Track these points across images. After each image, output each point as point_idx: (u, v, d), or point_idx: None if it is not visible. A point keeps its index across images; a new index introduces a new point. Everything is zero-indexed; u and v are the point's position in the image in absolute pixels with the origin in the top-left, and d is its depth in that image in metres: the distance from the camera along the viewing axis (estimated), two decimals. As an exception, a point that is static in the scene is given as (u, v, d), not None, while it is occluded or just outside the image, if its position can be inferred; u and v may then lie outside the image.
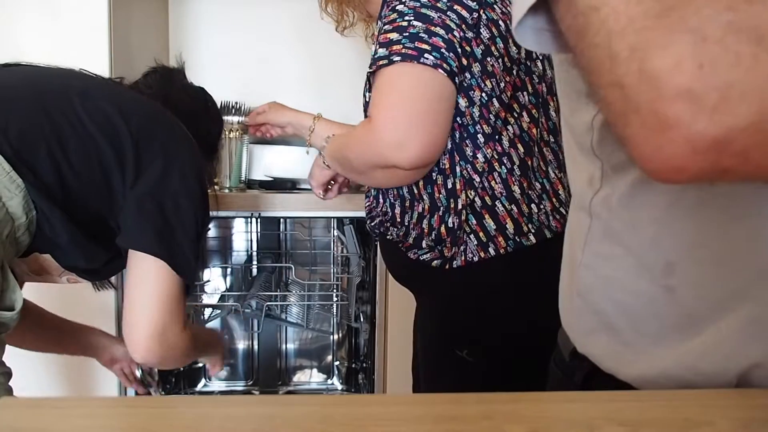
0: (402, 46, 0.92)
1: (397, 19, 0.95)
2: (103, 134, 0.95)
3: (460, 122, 0.99)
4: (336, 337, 2.06)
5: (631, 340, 0.57)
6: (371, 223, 1.17)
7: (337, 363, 2.07)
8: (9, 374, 0.96)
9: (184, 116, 1.11)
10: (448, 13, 0.94)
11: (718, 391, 0.51)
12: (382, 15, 1.01)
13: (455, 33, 0.94)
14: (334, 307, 1.95)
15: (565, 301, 0.66)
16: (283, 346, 2.07)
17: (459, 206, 1.01)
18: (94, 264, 1.01)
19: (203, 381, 2.03)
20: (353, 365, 1.99)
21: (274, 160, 1.68)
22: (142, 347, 0.97)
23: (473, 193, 1.01)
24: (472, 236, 1.02)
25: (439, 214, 1.03)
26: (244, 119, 1.58)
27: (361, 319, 1.83)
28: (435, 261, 1.05)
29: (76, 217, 0.95)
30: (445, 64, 0.92)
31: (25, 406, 0.47)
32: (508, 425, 0.43)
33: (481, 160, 1.01)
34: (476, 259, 1.02)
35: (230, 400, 0.48)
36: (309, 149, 1.44)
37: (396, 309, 1.59)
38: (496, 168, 1.02)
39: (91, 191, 0.96)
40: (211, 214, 1.08)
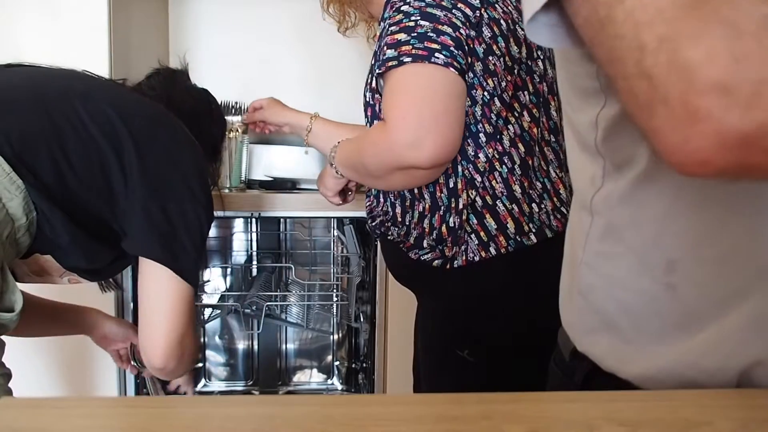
0: (411, 47, 0.92)
1: (404, 20, 0.95)
2: (105, 136, 0.95)
3: (464, 121, 0.99)
4: (336, 337, 2.06)
5: (633, 339, 0.56)
6: (372, 223, 1.17)
7: (337, 363, 2.07)
8: (9, 375, 0.96)
9: (187, 118, 1.11)
10: (453, 11, 0.94)
11: (717, 392, 0.51)
12: (386, 16, 1.01)
13: (461, 31, 0.94)
14: (334, 307, 1.95)
15: (565, 300, 0.66)
16: (283, 346, 2.07)
17: (460, 206, 1.01)
18: (96, 264, 1.01)
19: (203, 381, 2.03)
20: (353, 365, 1.99)
21: (274, 160, 1.68)
22: (162, 355, 0.98)
23: (474, 192, 1.01)
24: (473, 236, 1.02)
25: (440, 213, 1.03)
26: (244, 117, 1.58)
27: (361, 319, 1.83)
28: (436, 261, 1.05)
29: (77, 217, 0.95)
30: (455, 62, 0.92)
31: (25, 406, 0.47)
32: (507, 425, 0.43)
33: (482, 159, 1.01)
34: (477, 259, 1.02)
35: (230, 400, 0.48)
36: (307, 149, 1.43)
37: (396, 309, 1.59)
38: (497, 167, 1.02)
39: (92, 193, 0.96)
40: (215, 215, 1.08)
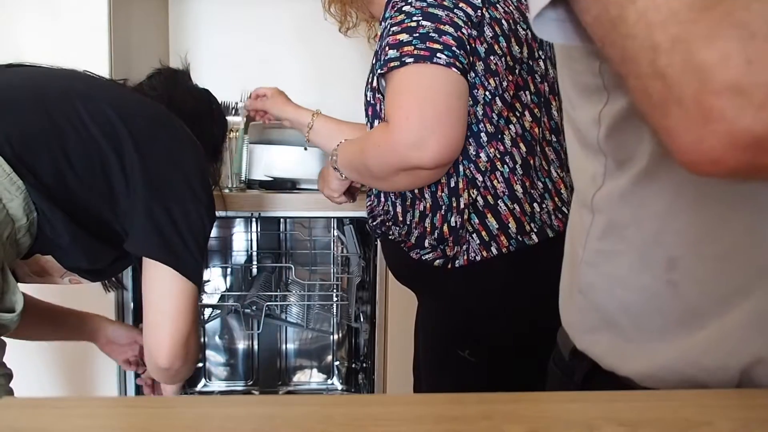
0: (413, 47, 0.92)
1: (405, 20, 0.95)
2: (105, 136, 0.95)
3: (467, 121, 0.99)
4: (336, 337, 2.06)
5: (634, 337, 0.56)
6: (373, 223, 1.17)
7: (337, 363, 2.07)
8: (10, 376, 0.95)
9: (189, 118, 1.11)
10: (454, 11, 0.94)
11: (717, 392, 0.51)
12: (387, 16, 1.01)
13: (463, 30, 0.94)
14: (334, 307, 1.95)
15: (565, 299, 0.66)
16: (283, 346, 2.07)
17: (461, 205, 1.01)
18: (97, 264, 1.01)
19: (203, 381, 2.03)
20: (353, 365, 1.99)
21: (274, 160, 1.67)
22: (168, 355, 0.97)
23: (476, 192, 1.01)
24: (474, 235, 1.02)
25: (441, 213, 1.03)
26: (245, 103, 1.54)
27: (361, 319, 1.83)
28: (437, 260, 1.05)
29: (78, 218, 0.94)
30: (457, 62, 0.92)
31: (25, 406, 0.47)
32: (507, 425, 0.43)
33: (483, 159, 1.01)
34: (479, 259, 1.02)
35: (230, 400, 0.48)
36: (308, 146, 1.43)
37: (396, 309, 1.59)
38: (499, 167, 1.02)
39: (93, 193, 0.95)
40: (216, 214, 1.08)
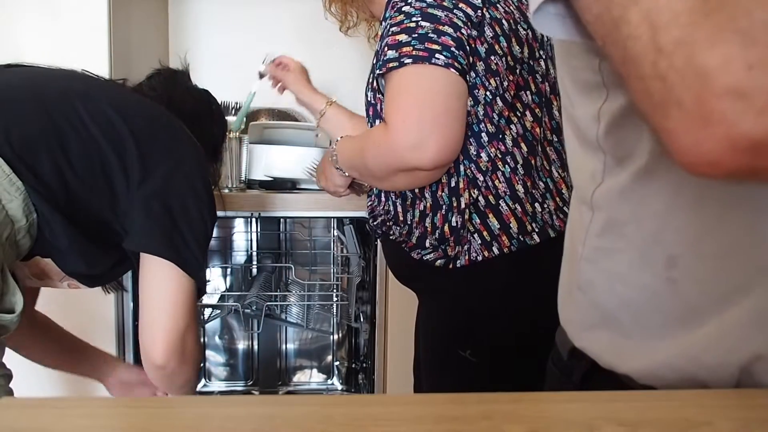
0: (412, 48, 0.92)
1: (405, 21, 0.95)
2: (105, 136, 0.95)
3: (465, 121, 0.99)
4: (336, 337, 2.06)
5: (633, 334, 0.56)
6: (373, 223, 1.17)
7: (337, 363, 2.07)
8: (9, 376, 0.95)
9: (188, 118, 1.11)
10: (454, 11, 0.94)
11: (717, 392, 0.51)
12: (387, 16, 1.01)
13: (463, 31, 0.94)
14: (334, 307, 1.95)
15: (564, 296, 0.66)
16: (283, 346, 2.07)
17: (462, 205, 1.01)
18: (95, 270, 1.01)
19: (203, 381, 2.03)
20: (353, 365, 1.99)
21: (274, 160, 1.67)
22: (163, 351, 0.95)
23: (477, 192, 1.01)
24: (475, 235, 1.02)
25: (442, 212, 1.03)
26: (265, 66, 1.52)
27: (361, 319, 1.83)
28: (438, 261, 1.05)
29: (78, 220, 0.94)
30: (456, 63, 0.92)
31: (24, 407, 0.47)
32: (508, 425, 0.43)
33: (484, 159, 1.01)
34: (480, 259, 1.02)
35: (230, 400, 0.48)
36: (318, 132, 1.45)
37: (396, 309, 1.59)
38: (500, 167, 1.02)
39: (94, 194, 0.95)
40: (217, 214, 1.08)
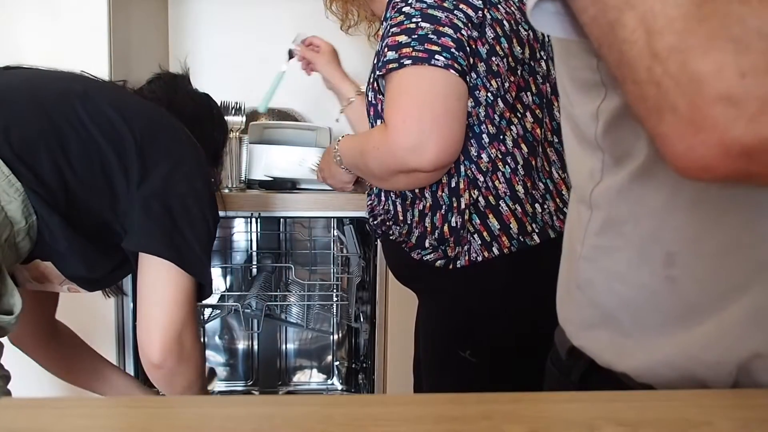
0: (412, 49, 0.92)
1: (405, 22, 0.95)
2: (105, 137, 0.94)
3: (466, 122, 0.99)
4: (336, 337, 2.06)
5: (632, 332, 0.56)
6: (373, 222, 1.17)
7: (337, 363, 2.07)
8: (8, 377, 0.95)
9: (189, 122, 1.11)
10: (455, 12, 0.94)
11: (716, 392, 0.51)
12: (388, 17, 1.01)
13: (463, 32, 0.94)
14: (334, 307, 1.95)
15: (563, 295, 0.66)
16: (283, 346, 2.07)
17: (462, 205, 1.01)
18: (95, 273, 1.00)
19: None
20: (353, 365, 1.99)
21: (274, 160, 1.68)
22: (160, 349, 0.94)
23: (477, 192, 1.01)
24: (475, 236, 1.02)
25: (441, 212, 1.03)
26: (296, 45, 1.53)
27: (361, 319, 1.83)
28: (438, 261, 1.05)
29: (78, 222, 0.94)
30: (456, 64, 0.92)
31: (23, 407, 0.47)
32: (507, 425, 0.43)
33: (485, 159, 1.01)
34: (480, 259, 1.02)
35: (230, 400, 0.48)
36: (338, 117, 1.50)
37: (396, 309, 1.59)
38: (500, 168, 1.02)
39: (94, 194, 0.95)
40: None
